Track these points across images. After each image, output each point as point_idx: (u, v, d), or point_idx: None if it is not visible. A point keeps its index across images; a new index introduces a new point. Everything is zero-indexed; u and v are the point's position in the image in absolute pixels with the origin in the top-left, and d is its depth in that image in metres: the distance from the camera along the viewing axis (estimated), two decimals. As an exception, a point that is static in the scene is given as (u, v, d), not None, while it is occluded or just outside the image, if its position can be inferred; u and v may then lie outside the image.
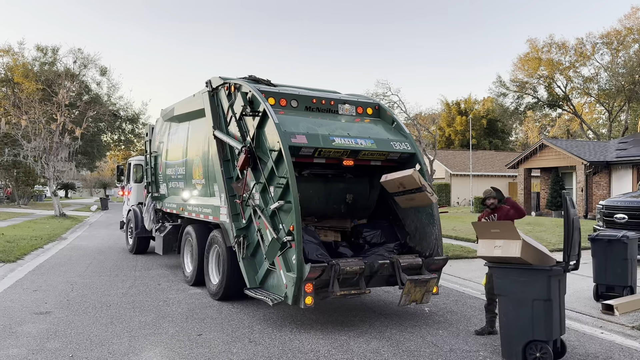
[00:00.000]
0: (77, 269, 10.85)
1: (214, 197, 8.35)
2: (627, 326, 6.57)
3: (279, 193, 6.39)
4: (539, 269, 5.11)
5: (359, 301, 7.97)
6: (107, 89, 45.88)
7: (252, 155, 7.00)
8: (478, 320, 6.94)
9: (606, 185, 26.07)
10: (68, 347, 5.66)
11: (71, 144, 27.95)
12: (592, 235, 8.11)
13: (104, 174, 75.92)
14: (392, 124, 7.90)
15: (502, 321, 5.36)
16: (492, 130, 61.63)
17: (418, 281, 6.49)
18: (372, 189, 8.16)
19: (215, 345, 5.77)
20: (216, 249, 8.21)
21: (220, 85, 8.21)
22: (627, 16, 41.50)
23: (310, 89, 8.57)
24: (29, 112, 27.08)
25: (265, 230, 6.71)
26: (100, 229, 21.01)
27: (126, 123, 49.72)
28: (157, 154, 11.79)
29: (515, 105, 48.48)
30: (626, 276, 7.69)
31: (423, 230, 7.23)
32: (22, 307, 7.42)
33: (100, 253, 13.45)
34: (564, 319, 5.38)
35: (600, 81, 43.78)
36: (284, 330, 6.38)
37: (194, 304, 7.70)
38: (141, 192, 13.87)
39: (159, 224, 11.43)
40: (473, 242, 15.12)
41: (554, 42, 43.48)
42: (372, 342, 5.91)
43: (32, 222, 22.11)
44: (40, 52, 41.01)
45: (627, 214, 11.06)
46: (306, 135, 6.71)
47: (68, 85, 32.47)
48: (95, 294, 8.40)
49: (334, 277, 6.16)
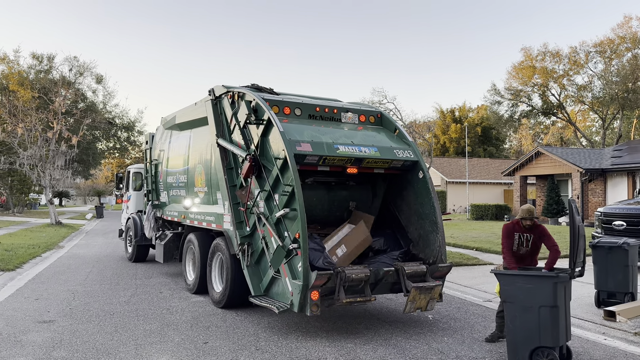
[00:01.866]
0: (77, 277, 10.81)
1: (217, 205, 8.37)
2: (630, 332, 6.62)
3: (284, 201, 6.42)
4: (545, 276, 5.16)
5: (363, 309, 7.99)
6: (103, 96, 46.01)
7: (256, 163, 7.03)
8: (481, 327, 6.98)
9: (602, 193, 26.24)
10: (75, 355, 5.64)
11: (67, 152, 27.87)
12: (592, 242, 8.16)
13: (98, 181, 75.66)
14: (395, 132, 7.95)
15: (508, 327, 5.39)
16: (487, 138, 61.98)
17: (423, 288, 6.52)
18: (375, 197, 8.20)
19: (222, 353, 5.77)
20: (219, 257, 8.21)
21: (223, 94, 8.25)
22: (620, 25, 42.02)
23: (313, 97, 8.63)
24: (25, 120, 27.00)
25: (270, 238, 6.73)
26: (97, 237, 20.92)
27: (122, 131, 49.72)
28: (157, 162, 11.80)
29: (510, 113, 48.82)
30: (627, 283, 7.74)
31: (426, 237, 7.27)
32: (25, 316, 7.39)
33: (99, 261, 13.40)
34: (570, 325, 5.42)
35: (594, 89, 44.21)
36: (290, 338, 6.39)
37: (198, 312, 7.70)
38: (140, 200, 13.86)
39: (160, 232, 11.42)
40: (472, 249, 15.18)
41: (548, 51, 43.91)
42: (378, 350, 5.92)
43: (28, 231, 21.99)
44: (35, 60, 41.08)
45: (625, 221, 11.15)
46: (311, 144, 6.75)
47: (64, 93, 32.46)
48: (97, 302, 8.37)
49: (339, 285, 6.18)
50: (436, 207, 7.06)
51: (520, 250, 6.39)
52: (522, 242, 6.45)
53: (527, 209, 6.36)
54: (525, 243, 6.42)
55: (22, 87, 35.03)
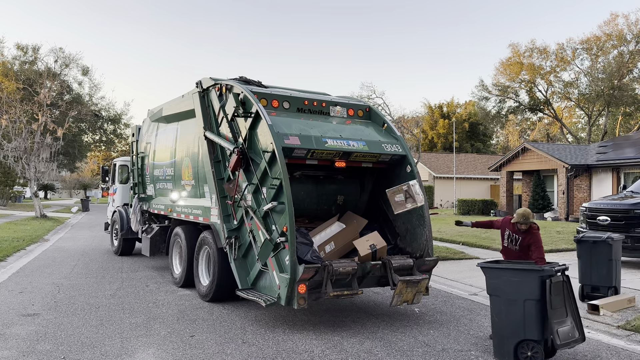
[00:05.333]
0: (62, 270, 10.71)
1: (204, 198, 8.32)
2: (613, 326, 6.72)
3: (272, 194, 6.40)
4: (531, 270, 5.20)
5: (350, 302, 8.01)
6: (89, 88, 45.54)
7: (244, 157, 6.99)
8: (467, 320, 7.03)
9: (587, 188, 26.54)
10: (59, 348, 5.59)
11: (53, 144, 27.54)
12: (577, 237, 8.25)
13: (84, 174, 74.89)
14: (383, 126, 7.96)
15: (494, 321, 5.44)
16: (474, 134, 62.32)
17: (410, 282, 6.55)
18: (363, 191, 8.21)
19: (209, 346, 5.75)
20: (206, 250, 8.18)
21: (211, 86, 8.19)
22: (606, 22, 42.44)
23: (301, 91, 8.59)
24: (10, 112, 26.63)
25: (257, 232, 6.71)
26: (82, 231, 20.74)
27: (108, 123, 49.27)
28: (144, 154, 11.70)
29: (497, 109, 49.16)
30: (611, 277, 7.85)
31: (414, 231, 7.30)
32: (8, 309, 7.31)
33: (85, 255, 13.29)
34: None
35: (580, 86, 44.66)
36: (277, 331, 6.39)
37: (184, 306, 7.67)
38: (127, 193, 13.73)
39: (146, 226, 11.33)
40: (459, 243, 15.28)
41: (535, 47, 44.22)
42: (365, 342, 5.95)
43: (12, 224, 21.72)
44: (20, 50, 40.50)
45: (610, 216, 11.29)
46: (299, 137, 6.72)
47: (49, 85, 32.04)
48: (82, 295, 8.30)
49: (327, 278, 6.18)
50: (424, 202, 7.09)
51: (509, 246, 6.65)
52: (511, 240, 6.60)
53: (522, 214, 6.47)
54: (514, 242, 6.57)
55: (7, 78, 34.46)
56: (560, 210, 26.81)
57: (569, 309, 5.40)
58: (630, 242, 10.47)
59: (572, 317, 5.39)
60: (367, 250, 6.74)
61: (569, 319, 5.37)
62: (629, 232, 10.61)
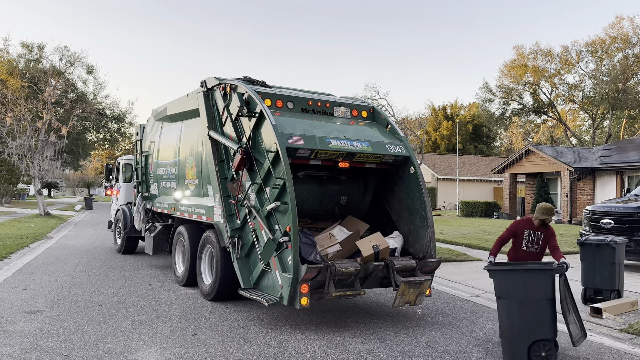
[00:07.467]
0: (66, 268, 10.75)
1: (208, 198, 8.34)
2: (615, 329, 6.71)
3: (276, 194, 6.41)
4: (543, 269, 5.20)
5: (352, 302, 8.02)
6: (94, 87, 45.67)
7: (248, 156, 7.00)
8: (469, 322, 7.03)
9: (590, 191, 26.48)
10: (62, 346, 5.62)
11: (57, 143, 27.63)
12: (580, 240, 8.23)
13: (87, 173, 75.07)
14: (387, 127, 7.96)
15: (503, 324, 5.32)
16: (478, 136, 62.21)
17: (412, 283, 6.55)
18: (366, 192, 8.22)
19: (211, 345, 5.77)
20: (209, 250, 8.20)
21: (215, 86, 8.21)
22: (611, 25, 42.34)
23: (305, 91, 8.60)
24: (14, 110, 26.72)
25: (260, 231, 6.72)
26: (86, 229, 20.80)
27: (112, 122, 49.36)
28: (148, 153, 11.73)
29: (501, 111, 49.09)
30: (614, 280, 7.83)
31: (416, 232, 7.29)
32: (12, 306, 7.33)
33: (88, 253, 13.33)
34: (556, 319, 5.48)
35: (584, 89, 44.58)
36: (279, 330, 6.40)
37: (187, 304, 7.68)
38: (130, 192, 13.77)
39: (149, 224, 11.36)
40: (461, 245, 15.27)
41: (539, 50, 44.17)
42: (367, 343, 5.95)
43: (16, 221, 21.81)
44: (25, 49, 40.66)
45: (613, 219, 11.26)
46: (303, 137, 6.73)
47: (54, 83, 32.14)
48: (85, 293, 8.33)
49: (329, 278, 6.19)
50: (427, 203, 7.09)
51: (530, 248, 6.34)
52: (532, 240, 6.35)
53: (549, 208, 6.21)
54: (536, 240, 6.33)
55: (12, 76, 34.62)
56: (563, 213, 26.76)
57: (571, 307, 5.41)
58: (633, 246, 10.44)
59: (574, 315, 5.41)
60: (370, 251, 6.75)
61: (572, 317, 5.39)
62: (633, 236, 10.58)
